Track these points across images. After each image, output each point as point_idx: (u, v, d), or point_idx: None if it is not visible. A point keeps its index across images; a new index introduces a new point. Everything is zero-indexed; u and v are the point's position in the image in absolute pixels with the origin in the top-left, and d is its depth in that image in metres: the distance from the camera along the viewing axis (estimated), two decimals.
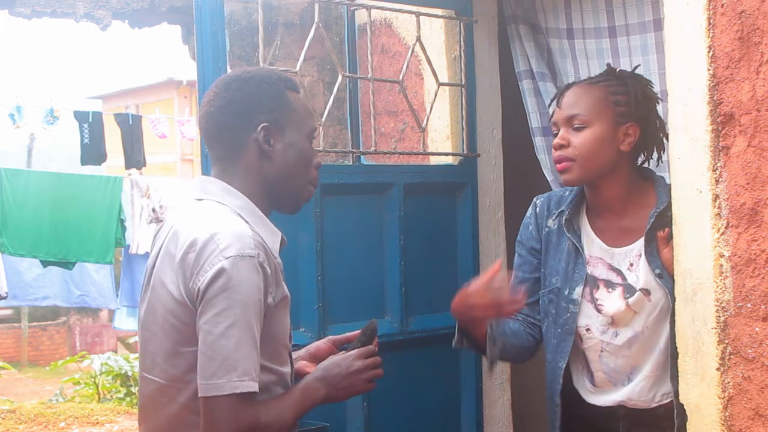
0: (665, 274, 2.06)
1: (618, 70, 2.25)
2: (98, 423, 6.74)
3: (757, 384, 1.72)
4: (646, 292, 2.11)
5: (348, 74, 3.13)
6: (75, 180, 8.80)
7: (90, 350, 14.69)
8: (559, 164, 2.15)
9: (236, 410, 1.65)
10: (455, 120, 3.16)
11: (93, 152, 9.36)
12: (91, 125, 9.32)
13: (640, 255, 2.13)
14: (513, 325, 2.31)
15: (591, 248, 2.21)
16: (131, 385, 9.28)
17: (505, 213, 3.17)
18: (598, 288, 2.18)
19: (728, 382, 1.78)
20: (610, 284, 2.17)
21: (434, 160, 3.22)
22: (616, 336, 2.16)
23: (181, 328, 1.72)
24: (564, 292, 2.21)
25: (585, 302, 2.19)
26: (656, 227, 2.10)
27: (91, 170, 9.90)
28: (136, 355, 8.45)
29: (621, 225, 2.18)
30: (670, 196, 1.99)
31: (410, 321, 2.90)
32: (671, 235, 1.97)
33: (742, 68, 1.72)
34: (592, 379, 2.23)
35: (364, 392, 1.93)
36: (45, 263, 8.65)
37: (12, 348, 16.74)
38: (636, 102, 2.15)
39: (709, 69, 1.78)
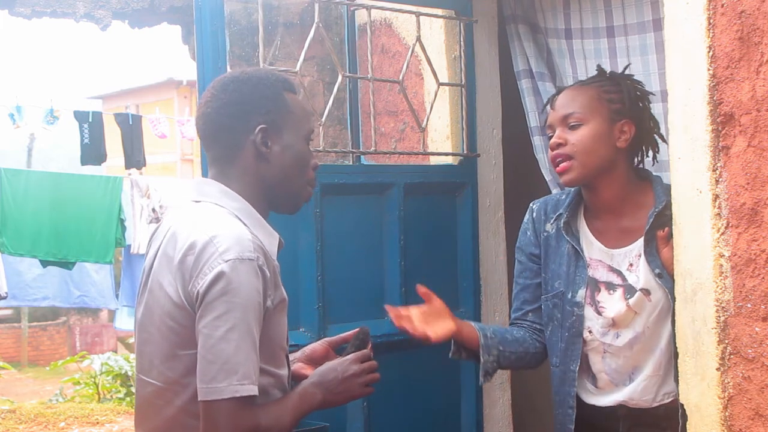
0: (665, 274, 2.06)
1: (609, 71, 2.26)
2: (98, 423, 6.74)
3: (757, 384, 1.72)
4: (646, 292, 2.11)
5: (348, 74, 3.13)
6: (75, 180, 8.80)
7: (90, 350, 14.69)
8: (558, 165, 2.15)
9: (236, 414, 1.64)
10: (455, 120, 3.16)
11: (93, 152, 9.36)
12: (91, 125, 9.31)
13: (640, 255, 2.13)
14: (516, 333, 2.31)
15: (590, 251, 2.20)
16: (131, 385, 9.28)
17: (505, 213, 3.16)
18: (600, 290, 2.18)
19: (728, 382, 1.78)
20: (611, 286, 2.16)
21: (434, 160, 3.22)
22: (617, 337, 2.16)
23: (179, 331, 1.71)
24: (567, 296, 2.21)
25: (586, 305, 2.18)
26: (655, 227, 2.10)
27: (91, 170, 9.89)
28: None
29: (619, 226, 2.18)
30: (669, 196, 1.99)
31: None
32: (671, 235, 1.97)
33: (742, 68, 1.72)
34: (595, 381, 2.22)
35: (361, 397, 1.93)
36: (45, 263, 8.65)
37: (12, 348, 16.75)
38: (629, 99, 2.16)
39: (709, 69, 1.78)
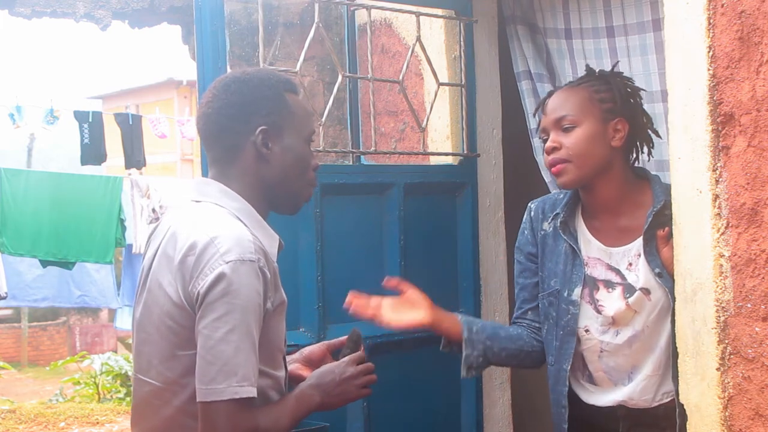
0: (665, 273, 2.06)
1: (598, 71, 2.25)
2: (98, 423, 6.73)
3: (757, 384, 1.72)
4: (646, 292, 2.11)
5: (348, 74, 3.13)
6: (75, 180, 8.80)
7: (90, 350, 14.70)
8: (554, 168, 2.14)
9: (235, 415, 1.64)
10: (455, 120, 3.16)
11: (93, 152, 9.36)
12: (91, 125, 9.32)
13: (639, 254, 2.13)
14: (512, 330, 2.31)
15: (589, 249, 2.20)
16: (131, 385, 9.25)
17: (505, 213, 3.17)
18: (598, 289, 2.17)
19: (728, 382, 1.78)
20: (610, 284, 2.16)
21: (434, 160, 3.22)
22: (617, 335, 2.16)
23: (179, 331, 1.71)
24: (563, 294, 2.20)
25: (584, 303, 2.18)
26: (654, 226, 2.10)
27: (91, 170, 9.90)
28: None
29: (618, 225, 2.18)
30: (667, 195, 1.99)
31: None
32: (671, 234, 1.97)
33: (742, 68, 1.72)
34: (591, 379, 2.22)
35: (359, 398, 1.93)
36: (45, 263, 8.65)
37: (12, 348, 16.75)
38: (621, 98, 2.16)
39: (709, 69, 1.78)
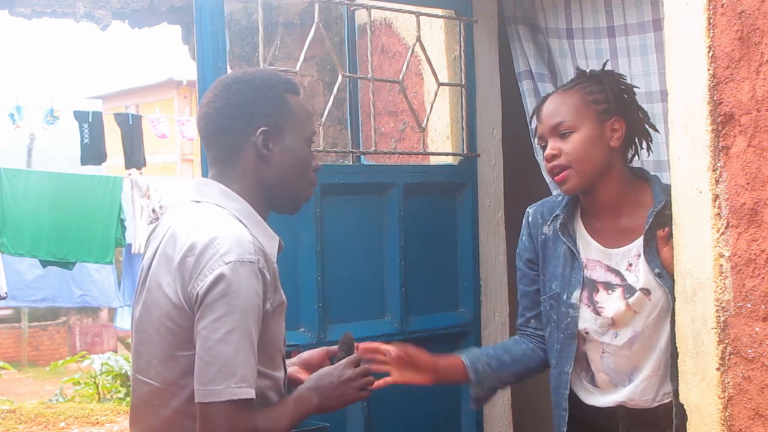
0: (665, 274, 2.06)
1: (588, 71, 2.25)
2: (98, 423, 6.73)
3: (757, 384, 1.72)
4: (646, 292, 2.11)
5: (348, 74, 3.13)
6: (75, 180, 8.81)
7: (90, 350, 14.70)
8: (556, 175, 2.14)
9: (234, 417, 1.63)
10: (455, 120, 3.16)
11: (93, 152, 9.36)
12: (91, 125, 9.32)
13: (639, 255, 2.12)
14: (516, 350, 2.31)
15: (588, 251, 2.20)
16: (131, 385, 9.25)
17: (505, 213, 3.17)
18: (598, 291, 2.17)
19: (728, 382, 1.78)
20: (609, 286, 2.16)
21: (434, 160, 3.22)
22: (616, 336, 2.15)
23: (178, 332, 1.71)
24: (563, 297, 2.20)
25: (583, 306, 2.18)
26: (655, 226, 2.09)
27: (91, 170, 9.90)
28: None
29: (618, 225, 2.18)
30: (667, 195, 1.99)
31: (410, 321, 2.90)
32: (671, 234, 1.97)
33: (742, 68, 1.72)
34: (593, 381, 2.22)
35: (357, 401, 1.92)
36: (45, 263, 8.65)
37: (12, 348, 16.75)
38: (614, 96, 2.15)
39: (709, 69, 1.78)
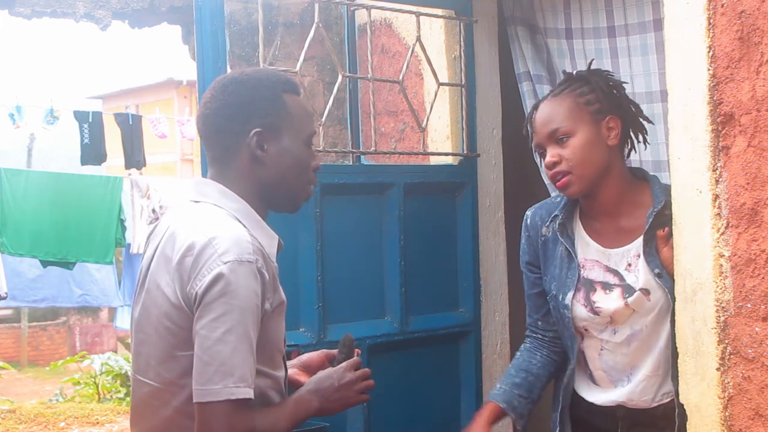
0: (665, 274, 2.06)
1: (575, 72, 2.25)
2: (98, 423, 6.73)
3: (757, 384, 1.72)
4: (646, 292, 2.11)
5: (348, 74, 3.13)
6: (75, 180, 8.80)
7: (90, 350, 14.71)
8: (558, 182, 2.13)
9: (231, 416, 1.63)
10: (455, 120, 3.16)
11: (93, 152, 9.36)
12: (91, 125, 9.32)
13: (639, 255, 2.12)
14: (533, 367, 2.31)
15: (586, 251, 2.20)
16: (131, 385, 9.25)
17: (505, 213, 3.17)
18: (595, 291, 2.17)
19: (728, 382, 1.78)
20: (607, 286, 2.16)
21: (434, 160, 3.22)
22: (615, 333, 2.16)
23: (177, 332, 1.71)
24: (559, 298, 2.21)
25: (579, 306, 2.18)
26: (654, 226, 2.09)
27: (91, 170, 9.90)
28: None
29: (617, 226, 2.18)
30: (667, 195, 1.99)
31: (410, 321, 2.90)
32: (671, 234, 1.97)
33: (742, 68, 1.72)
34: (592, 378, 2.23)
35: (357, 404, 1.92)
36: (45, 263, 8.65)
37: (12, 348, 16.76)
38: (604, 95, 2.15)
39: (709, 69, 1.78)
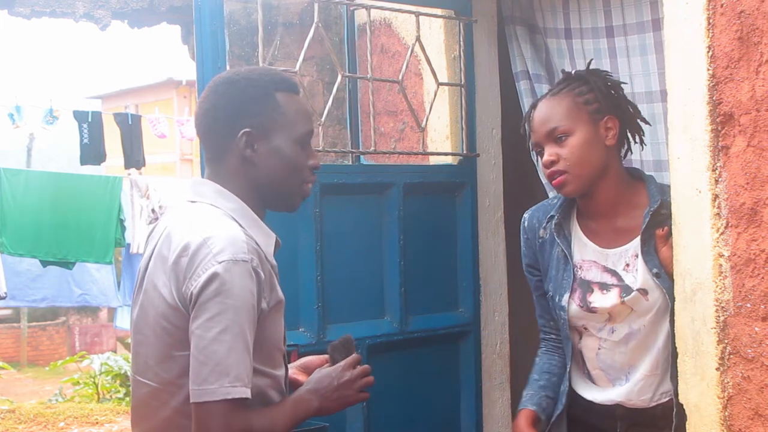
0: (663, 274, 2.06)
1: (574, 72, 2.25)
2: (98, 423, 6.73)
3: (757, 384, 1.72)
4: (644, 292, 2.11)
5: (347, 74, 3.13)
6: (74, 180, 8.80)
7: (89, 350, 14.70)
8: (554, 180, 2.13)
9: (228, 416, 1.63)
10: (455, 120, 3.16)
11: (92, 152, 9.36)
12: (91, 125, 9.31)
13: (637, 255, 2.12)
14: (555, 369, 2.30)
15: (583, 252, 2.20)
16: (130, 386, 9.25)
17: (505, 213, 3.17)
18: (592, 291, 2.17)
19: (728, 382, 1.78)
20: (605, 286, 2.16)
21: (434, 160, 3.22)
22: (613, 332, 2.16)
23: (174, 332, 1.71)
24: (555, 299, 2.22)
25: (575, 306, 2.18)
26: (651, 226, 2.09)
27: (91, 170, 9.90)
28: None
29: (614, 226, 2.18)
30: (663, 194, 1.99)
31: (410, 321, 2.90)
32: (669, 234, 1.97)
33: (742, 68, 1.72)
34: (590, 377, 2.23)
35: (357, 402, 1.92)
36: (44, 263, 8.65)
37: (11, 348, 16.75)
38: (603, 95, 2.15)
39: (709, 69, 1.78)
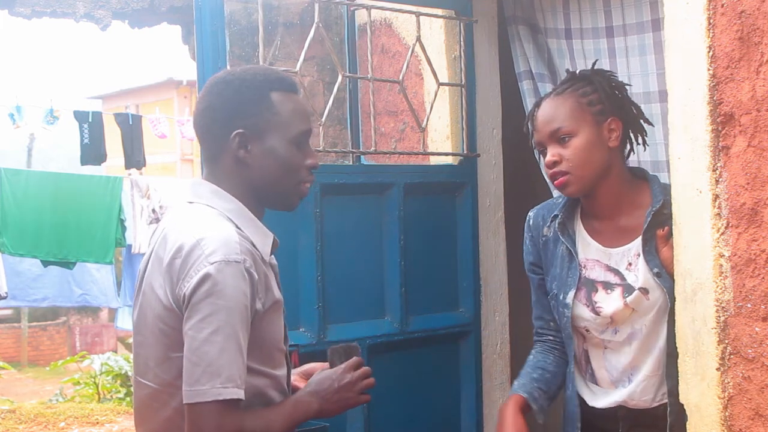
0: (664, 273, 2.06)
1: (578, 72, 2.24)
2: (98, 423, 6.73)
3: (757, 384, 1.72)
4: (645, 291, 2.11)
5: (348, 74, 3.13)
6: (75, 180, 8.80)
7: (90, 350, 14.71)
8: (556, 181, 2.13)
9: (220, 417, 1.63)
10: (455, 120, 3.16)
11: (93, 152, 9.36)
12: (91, 125, 9.32)
13: (639, 254, 2.12)
14: (548, 365, 2.31)
15: (587, 251, 2.20)
16: (131, 385, 9.21)
17: (505, 213, 3.17)
18: (597, 290, 2.17)
19: (728, 382, 1.78)
20: (609, 285, 2.16)
21: (434, 160, 3.22)
22: (616, 333, 2.16)
23: (170, 334, 1.71)
24: (560, 298, 2.21)
25: (581, 306, 2.18)
26: (653, 226, 2.09)
27: (91, 170, 9.90)
28: None
29: (617, 225, 2.18)
30: (666, 194, 1.99)
31: (410, 321, 2.90)
32: (670, 234, 1.97)
33: (742, 68, 1.72)
34: (594, 378, 2.23)
35: (358, 405, 1.91)
36: (45, 263, 8.65)
37: (12, 348, 16.76)
38: (607, 96, 2.15)
39: (709, 69, 1.78)
